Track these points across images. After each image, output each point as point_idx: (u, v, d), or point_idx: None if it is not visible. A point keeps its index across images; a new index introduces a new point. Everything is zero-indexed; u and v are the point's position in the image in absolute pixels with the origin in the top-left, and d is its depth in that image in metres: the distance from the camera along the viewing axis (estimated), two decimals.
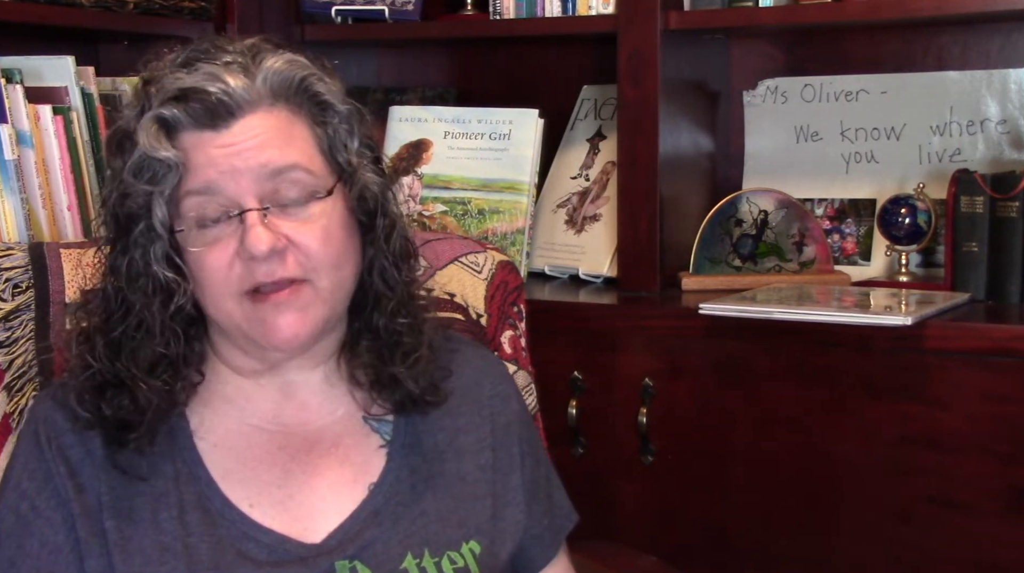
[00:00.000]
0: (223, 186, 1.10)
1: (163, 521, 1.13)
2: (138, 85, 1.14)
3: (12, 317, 1.34)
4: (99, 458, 1.14)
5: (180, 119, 1.10)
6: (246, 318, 1.13)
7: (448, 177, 2.26)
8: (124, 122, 1.13)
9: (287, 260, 1.11)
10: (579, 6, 2.17)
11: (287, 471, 1.18)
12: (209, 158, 1.10)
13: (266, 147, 1.11)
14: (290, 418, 1.20)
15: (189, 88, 1.09)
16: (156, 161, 1.09)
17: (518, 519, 1.25)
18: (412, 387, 1.21)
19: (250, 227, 1.09)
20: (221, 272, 1.11)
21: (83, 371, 1.14)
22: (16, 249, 1.39)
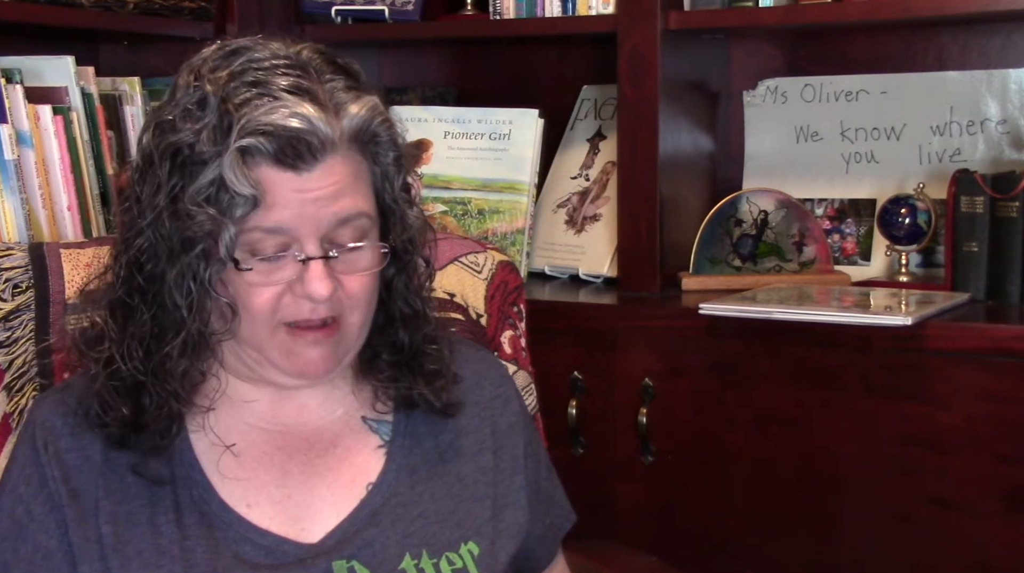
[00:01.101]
0: (292, 228, 1.09)
1: (160, 524, 1.13)
2: (198, 90, 1.09)
3: (12, 317, 1.34)
4: (97, 462, 1.14)
5: (264, 153, 1.06)
6: (278, 346, 1.13)
7: (448, 177, 2.26)
8: (185, 135, 1.08)
9: (332, 302, 1.12)
10: (579, 6, 2.17)
11: (285, 471, 1.18)
12: (285, 200, 1.08)
13: (340, 196, 1.10)
14: (289, 418, 1.20)
15: (278, 124, 1.06)
16: (236, 194, 1.06)
17: (520, 521, 1.24)
18: (434, 402, 1.22)
19: (316, 276, 1.09)
20: (271, 303, 1.11)
21: (107, 374, 1.13)
22: (16, 249, 1.39)
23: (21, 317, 1.35)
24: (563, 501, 1.35)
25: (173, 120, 1.09)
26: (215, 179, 1.06)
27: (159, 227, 1.09)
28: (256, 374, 1.18)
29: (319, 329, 1.13)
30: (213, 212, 1.06)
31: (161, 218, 1.09)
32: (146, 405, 1.13)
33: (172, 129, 1.09)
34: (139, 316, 1.12)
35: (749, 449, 1.92)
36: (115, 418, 1.13)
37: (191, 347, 1.12)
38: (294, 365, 1.14)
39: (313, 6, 2.37)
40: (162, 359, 1.12)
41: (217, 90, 1.07)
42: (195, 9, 2.14)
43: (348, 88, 1.12)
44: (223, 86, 1.08)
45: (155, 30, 2.09)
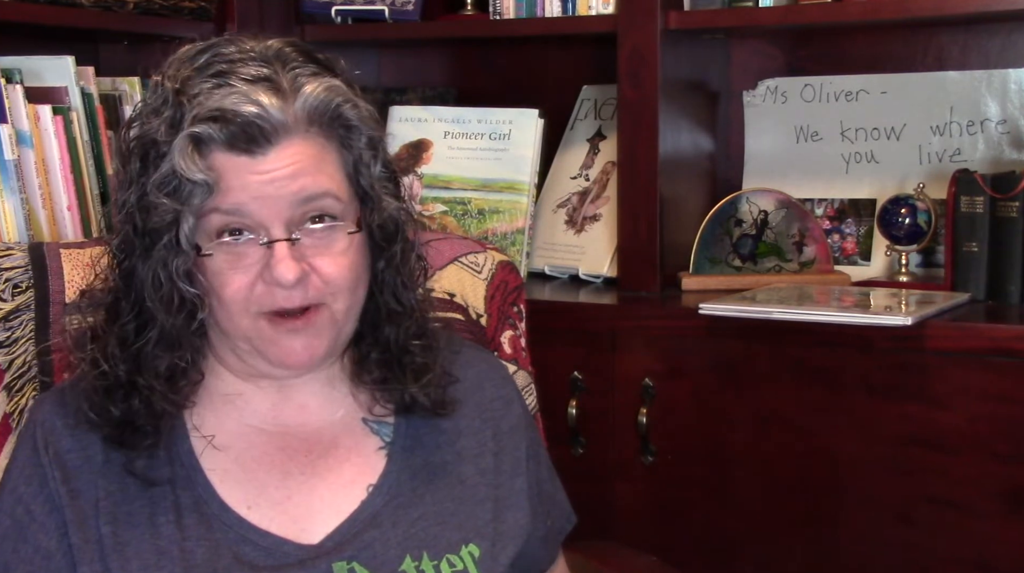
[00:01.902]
0: (253, 211, 1.09)
1: (160, 525, 1.13)
2: (161, 87, 1.11)
3: (12, 317, 1.34)
4: (97, 463, 1.14)
5: (216, 139, 1.07)
6: (260, 337, 1.13)
7: (448, 177, 2.26)
8: (149, 130, 1.09)
9: (308, 287, 1.12)
10: (579, 6, 2.17)
11: (286, 472, 1.18)
12: (242, 182, 1.08)
13: (299, 175, 1.10)
14: (289, 419, 1.20)
15: (228, 110, 1.07)
16: (189, 181, 1.07)
17: (520, 523, 1.24)
18: (423, 401, 1.22)
19: (279, 258, 1.09)
20: (242, 292, 1.11)
21: (95, 374, 1.14)
22: (16, 249, 1.39)
23: (21, 317, 1.34)
24: (564, 503, 1.35)
25: (141, 118, 1.12)
26: (169, 170, 1.07)
27: (131, 223, 1.11)
28: (251, 368, 1.18)
29: (297, 317, 1.12)
30: (171, 202, 1.08)
31: (132, 214, 1.10)
32: (133, 404, 1.13)
33: (140, 126, 1.11)
34: (124, 315, 1.13)
35: (749, 449, 1.91)
36: (106, 419, 1.13)
37: (168, 341, 1.12)
38: (276, 355, 1.14)
39: (313, 6, 2.37)
40: (141, 355, 1.12)
41: (175, 84, 1.10)
42: (195, 9, 2.14)
43: (313, 74, 1.12)
44: (183, 81, 1.10)
45: (155, 30, 2.09)
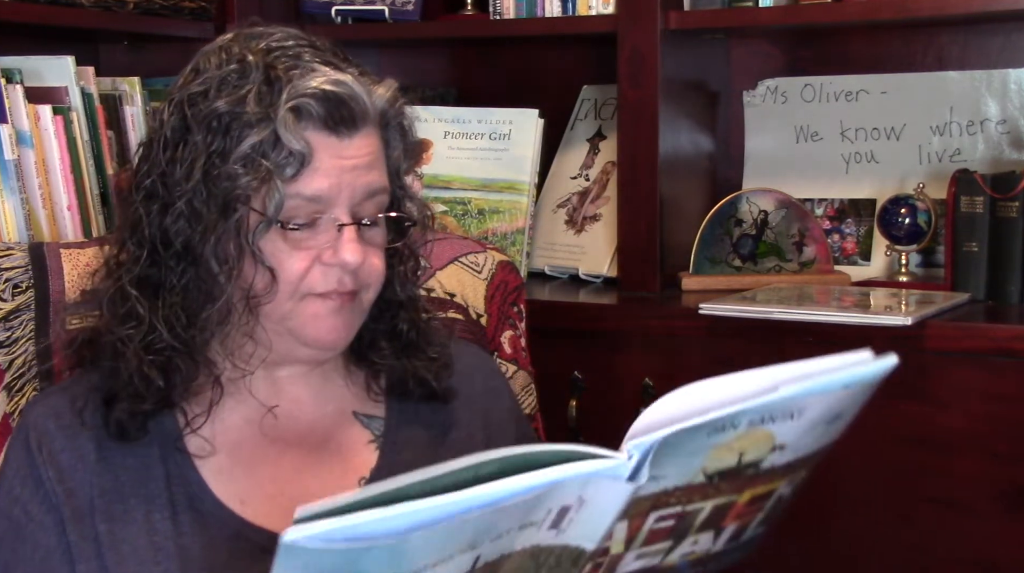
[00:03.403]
0: (330, 197, 1.11)
1: (156, 522, 1.13)
2: (242, 63, 1.11)
3: (12, 317, 1.34)
4: (91, 462, 1.14)
5: (314, 115, 1.09)
6: (303, 315, 1.14)
7: (448, 177, 2.26)
8: (223, 103, 1.09)
9: (360, 273, 1.14)
10: (579, 6, 2.17)
11: (278, 467, 1.18)
12: (326, 167, 1.10)
13: (372, 167, 1.14)
14: (281, 412, 1.21)
15: (326, 88, 1.10)
16: (287, 151, 1.08)
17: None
18: (434, 384, 1.24)
19: (348, 241, 1.12)
20: (299, 273, 1.12)
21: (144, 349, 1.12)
22: (16, 249, 1.39)
23: (21, 317, 1.34)
24: None
25: (207, 91, 1.11)
26: (263, 140, 1.08)
27: (196, 195, 1.10)
28: (265, 351, 1.17)
29: (343, 297, 1.14)
30: (266, 167, 1.07)
31: (198, 186, 1.09)
32: (180, 378, 1.13)
33: (206, 99, 1.10)
34: (170, 289, 1.13)
35: None
36: (152, 392, 1.12)
37: (230, 313, 1.13)
38: (316, 332, 1.15)
39: (313, 6, 2.37)
40: (201, 326, 1.13)
41: (259, 59, 1.11)
42: (195, 9, 2.14)
43: (363, 74, 1.17)
44: (264, 55, 1.11)
45: (155, 30, 2.09)
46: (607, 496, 0.86)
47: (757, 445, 0.94)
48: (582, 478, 0.83)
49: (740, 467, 0.95)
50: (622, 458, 0.85)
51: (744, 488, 0.98)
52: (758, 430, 0.93)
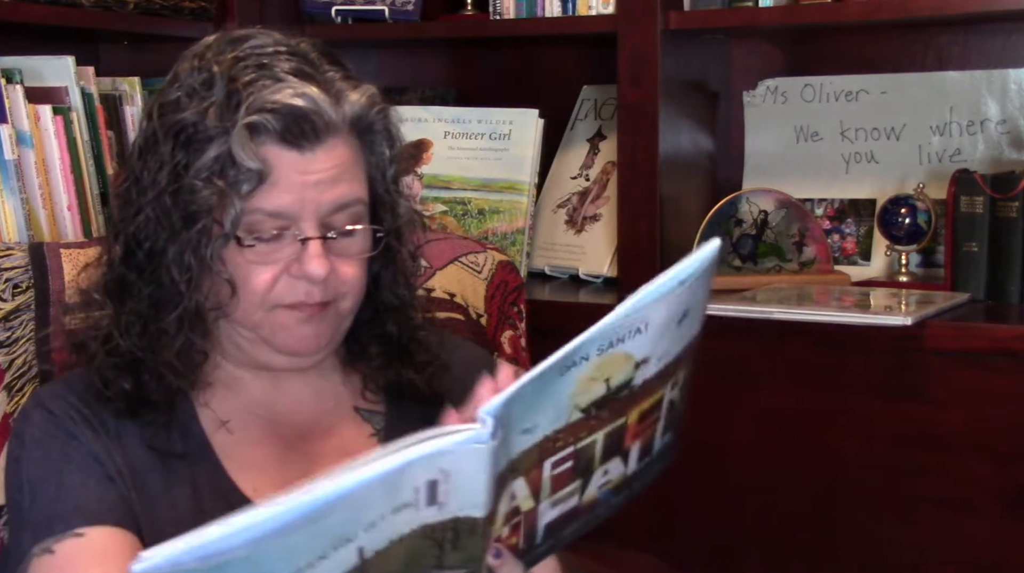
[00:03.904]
0: (294, 211, 1.11)
1: (177, 497, 1.14)
2: (206, 72, 1.11)
3: (12, 317, 1.34)
4: (112, 432, 1.14)
5: (271, 130, 1.08)
6: (272, 326, 1.14)
7: (448, 177, 2.26)
8: (192, 114, 1.09)
9: (328, 285, 1.14)
10: (579, 6, 2.17)
11: (285, 459, 1.19)
12: (288, 182, 1.09)
13: (339, 181, 1.12)
14: (282, 408, 1.21)
15: (284, 103, 1.08)
16: (243, 169, 1.08)
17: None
18: (423, 389, 1.23)
19: (313, 254, 1.11)
20: (265, 285, 1.12)
21: (105, 351, 1.14)
22: (16, 249, 1.39)
23: (21, 317, 1.34)
24: None
25: (177, 100, 1.11)
26: (221, 155, 1.08)
27: (160, 205, 1.10)
28: (248, 357, 1.19)
29: (312, 309, 1.14)
30: (221, 185, 1.08)
31: (162, 196, 1.10)
32: (145, 380, 1.14)
33: (176, 109, 1.11)
34: (136, 293, 1.14)
35: (749, 449, 1.91)
36: (118, 393, 1.13)
37: (188, 323, 1.13)
38: (286, 341, 1.15)
39: (313, 6, 2.37)
40: (159, 334, 1.13)
41: (224, 70, 1.10)
42: (195, 9, 2.14)
43: (345, 78, 1.14)
44: (230, 67, 1.10)
45: (155, 30, 2.09)
46: (470, 462, 0.85)
47: (619, 367, 0.95)
48: (431, 456, 0.83)
49: (612, 392, 0.96)
50: (476, 426, 0.85)
51: (627, 409, 0.99)
52: (613, 354, 0.94)
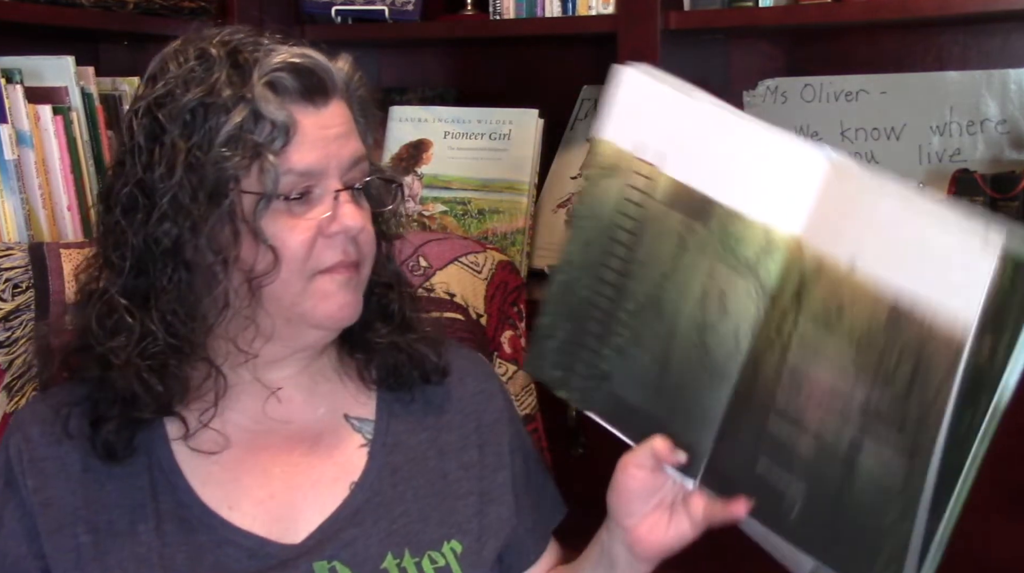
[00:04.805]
0: (323, 168, 1.11)
1: (141, 533, 1.12)
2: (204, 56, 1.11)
3: (12, 317, 1.34)
4: (75, 472, 1.13)
5: (290, 88, 1.10)
6: (313, 295, 1.13)
7: (448, 177, 2.26)
8: (194, 95, 1.09)
9: (360, 241, 1.15)
10: (579, 6, 2.17)
11: (268, 471, 1.17)
12: (313, 138, 1.10)
13: (351, 136, 1.15)
14: (274, 414, 1.20)
15: (296, 61, 1.10)
16: (267, 122, 1.08)
17: (503, 516, 1.24)
18: (435, 359, 1.24)
19: (348, 207, 1.12)
20: (305, 246, 1.11)
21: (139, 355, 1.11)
22: (16, 249, 1.39)
23: (21, 317, 1.35)
24: (554, 493, 1.34)
25: (172, 91, 1.10)
26: (244, 119, 1.08)
27: (181, 191, 1.08)
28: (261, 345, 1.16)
29: (349, 270, 1.14)
30: (250, 143, 1.07)
31: (182, 181, 1.08)
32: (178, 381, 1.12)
33: (174, 97, 1.10)
34: (161, 291, 1.11)
35: None
36: (152, 398, 1.11)
37: (228, 302, 1.12)
38: (327, 310, 1.14)
39: (313, 6, 2.37)
40: (201, 319, 1.11)
41: (220, 50, 1.11)
42: (195, 9, 2.14)
43: (319, 51, 1.16)
44: (224, 45, 1.11)
45: (155, 30, 2.09)
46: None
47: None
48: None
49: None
50: None
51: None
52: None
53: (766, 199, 1.06)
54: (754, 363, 1.06)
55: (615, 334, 1.14)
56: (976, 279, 0.91)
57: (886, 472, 0.98)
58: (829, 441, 1.01)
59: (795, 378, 1.03)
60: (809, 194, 1.03)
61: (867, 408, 0.98)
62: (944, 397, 0.94)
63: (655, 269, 1.12)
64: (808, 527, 1.04)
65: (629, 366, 1.14)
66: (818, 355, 1.01)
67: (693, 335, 1.10)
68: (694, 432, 1.10)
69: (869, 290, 0.98)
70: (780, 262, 1.04)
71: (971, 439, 0.96)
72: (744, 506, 1.08)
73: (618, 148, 1.14)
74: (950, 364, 0.93)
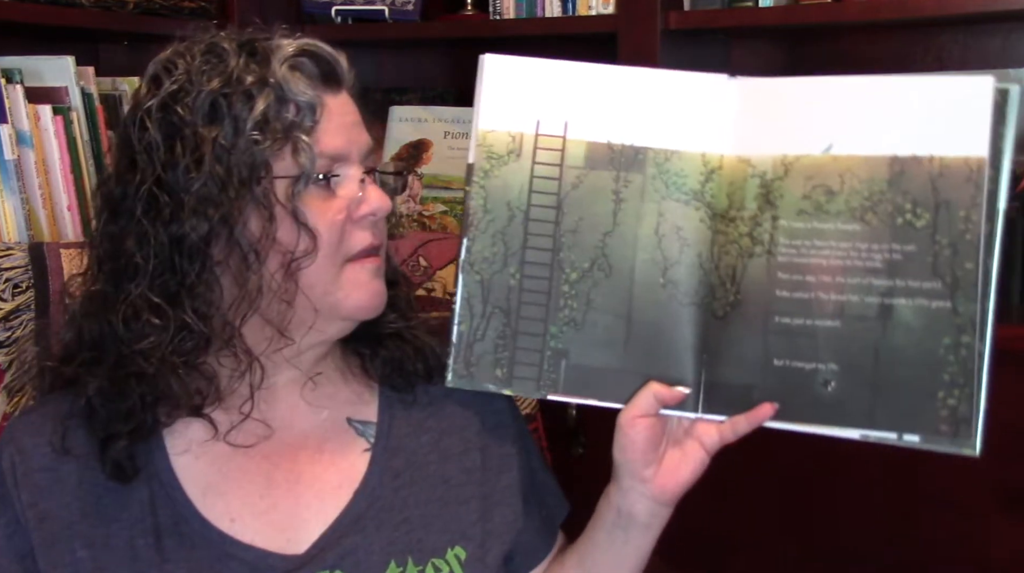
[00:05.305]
0: (345, 153, 1.12)
1: (139, 548, 1.09)
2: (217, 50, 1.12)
3: (12, 317, 1.34)
4: (71, 485, 1.10)
5: (310, 71, 1.11)
6: (345, 283, 1.12)
7: (448, 177, 2.26)
8: (212, 86, 1.08)
9: (383, 227, 1.16)
10: (579, 6, 2.17)
11: (270, 480, 1.15)
12: (336, 123, 1.11)
13: (363, 125, 1.16)
14: (277, 420, 1.17)
15: (313, 49, 1.12)
16: (298, 106, 1.09)
17: (509, 520, 1.22)
18: (439, 352, 1.22)
19: (372, 186, 1.13)
20: (337, 233, 1.11)
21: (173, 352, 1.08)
22: (16, 249, 1.39)
23: (21, 317, 1.34)
24: (556, 490, 1.33)
25: (183, 87, 1.09)
26: (269, 104, 1.08)
27: (210, 182, 1.06)
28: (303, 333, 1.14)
29: (377, 258, 1.15)
30: (280, 126, 1.07)
31: (212, 172, 1.07)
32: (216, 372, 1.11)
33: (189, 93, 1.09)
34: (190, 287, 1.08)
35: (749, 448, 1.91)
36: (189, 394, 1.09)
37: (261, 293, 1.09)
38: (359, 299, 1.13)
39: (313, 6, 2.37)
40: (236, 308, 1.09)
41: (231, 44, 1.12)
42: (195, 9, 2.14)
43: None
44: (235, 38, 1.13)
45: (155, 30, 2.09)
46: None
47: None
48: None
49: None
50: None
51: None
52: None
53: (690, 131, 1.16)
54: (731, 279, 1.12)
55: (562, 309, 1.16)
56: (978, 107, 1.10)
57: (929, 318, 1.09)
58: (855, 314, 1.08)
59: (793, 273, 1.10)
60: (727, 114, 1.17)
61: (891, 269, 1.08)
62: (975, 224, 1.07)
63: (592, 232, 1.15)
64: (849, 402, 1.11)
65: (587, 334, 1.15)
66: (814, 243, 1.10)
67: (656, 277, 1.14)
68: (677, 368, 1.13)
69: (858, 161, 1.12)
70: (724, 181, 1.13)
71: (991, 247, 1.08)
72: (770, 409, 1.12)
73: (511, 133, 1.16)
74: (974, 190, 1.07)
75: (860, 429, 1.12)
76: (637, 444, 1.14)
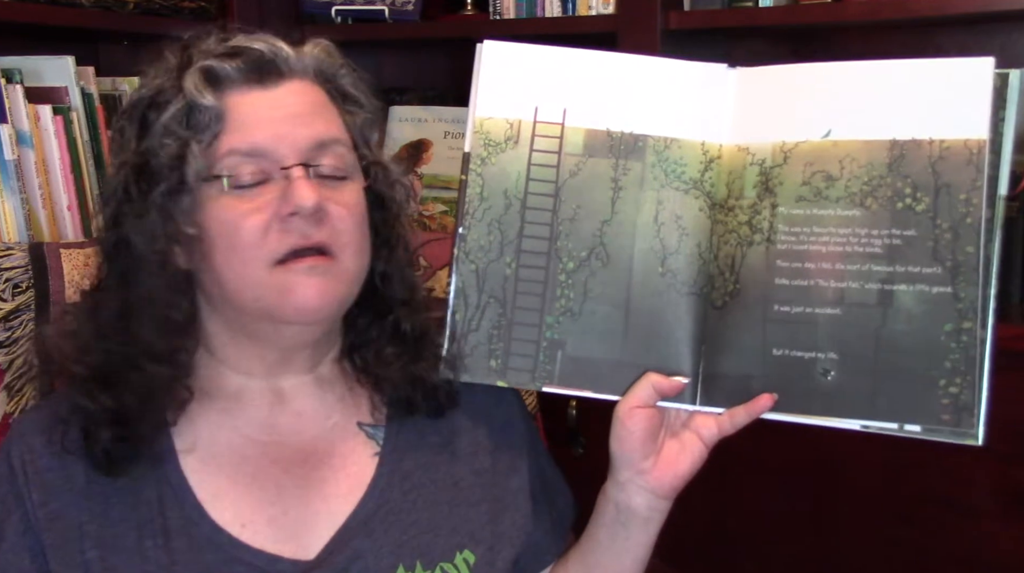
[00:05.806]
0: (269, 149, 1.08)
1: (148, 549, 1.09)
2: (164, 57, 1.13)
3: (12, 317, 1.34)
4: (80, 484, 1.10)
5: (228, 73, 1.09)
6: (273, 287, 1.08)
7: (448, 177, 2.26)
8: (149, 90, 1.11)
9: (323, 223, 1.08)
10: (579, 6, 2.17)
11: (281, 486, 1.14)
12: (258, 118, 1.09)
13: (316, 117, 1.11)
14: (284, 427, 1.17)
15: (239, 46, 1.10)
16: (199, 110, 1.07)
17: (518, 523, 1.22)
18: (445, 389, 1.19)
19: (297, 181, 1.07)
20: (255, 237, 1.07)
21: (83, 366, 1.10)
22: (16, 249, 1.39)
23: (21, 317, 1.35)
24: (565, 489, 1.32)
25: (132, 96, 1.14)
26: (179, 109, 1.08)
27: (128, 187, 1.09)
28: (251, 358, 1.15)
29: (312, 257, 1.08)
30: (184, 133, 1.07)
31: (126, 176, 1.09)
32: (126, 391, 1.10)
33: (132, 101, 1.13)
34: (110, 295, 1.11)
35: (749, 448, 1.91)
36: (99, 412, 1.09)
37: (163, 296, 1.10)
38: (290, 304, 1.08)
39: (313, 6, 2.37)
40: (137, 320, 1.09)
41: (175, 51, 1.12)
42: (195, 9, 2.14)
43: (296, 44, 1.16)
44: (183, 49, 1.12)
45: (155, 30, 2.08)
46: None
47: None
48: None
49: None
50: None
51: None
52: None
53: (690, 119, 1.14)
54: (730, 268, 1.12)
55: (559, 299, 1.15)
56: (978, 89, 1.09)
57: (930, 304, 1.08)
58: (855, 301, 1.08)
59: (792, 261, 1.10)
60: (726, 103, 1.13)
61: (891, 255, 1.07)
62: (976, 207, 1.06)
63: (590, 220, 1.14)
64: (849, 391, 1.09)
65: (585, 323, 1.14)
66: (814, 230, 1.09)
67: (655, 265, 1.13)
68: (675, 359, 1.13)
69: (858, 145, 1.09)
70: (723, 170, 1.12)
71: (992, 232, 1.08)
72: (769, 400, 1.11)
73: (508, 120, 1.16)
74: (974, 172, 1.06)
75: (860, 419, 1.10)
76: (635, 435, 1.14)
